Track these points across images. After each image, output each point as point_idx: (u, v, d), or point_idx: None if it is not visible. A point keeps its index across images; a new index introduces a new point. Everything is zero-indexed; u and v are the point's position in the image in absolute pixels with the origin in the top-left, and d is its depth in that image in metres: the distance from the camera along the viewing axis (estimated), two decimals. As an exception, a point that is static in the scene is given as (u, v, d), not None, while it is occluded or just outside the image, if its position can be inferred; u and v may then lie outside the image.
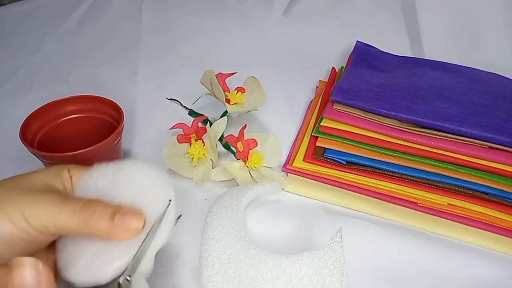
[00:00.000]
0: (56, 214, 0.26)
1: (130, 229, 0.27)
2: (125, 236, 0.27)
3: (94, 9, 0.85)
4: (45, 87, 0.63)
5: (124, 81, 0.65)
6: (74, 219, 0.26)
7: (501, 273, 0.40)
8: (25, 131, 0.41)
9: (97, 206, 0.27)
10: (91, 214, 0.26)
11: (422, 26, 0.74)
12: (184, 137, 0.47)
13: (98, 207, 0.27)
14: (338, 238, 0.36)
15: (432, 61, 0.60)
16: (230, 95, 0.52)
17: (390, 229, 0.43)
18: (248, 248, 0.36)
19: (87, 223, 0.26)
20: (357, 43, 0.65)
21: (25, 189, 0.27)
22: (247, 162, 0.46)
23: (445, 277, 0.39)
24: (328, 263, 0.35)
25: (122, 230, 0.27)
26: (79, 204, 0.27)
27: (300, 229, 0.43)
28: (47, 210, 0.26)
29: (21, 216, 0.25)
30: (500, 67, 0.60)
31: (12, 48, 0.74)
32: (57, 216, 0.26)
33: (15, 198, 0.26)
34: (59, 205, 0.27)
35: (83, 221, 0.26)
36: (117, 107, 0.45)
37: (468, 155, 0.42)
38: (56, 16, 0.82)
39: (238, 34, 0.79)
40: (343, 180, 0.45)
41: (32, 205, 0.26)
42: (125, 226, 0.27)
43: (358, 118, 0.45)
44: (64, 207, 0.26)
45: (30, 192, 0.27)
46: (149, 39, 0.77)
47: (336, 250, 0.35)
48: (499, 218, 0.42)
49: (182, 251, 0.40)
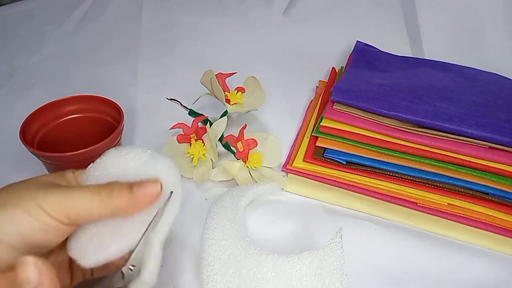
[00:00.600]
0: (76, 198, 0.26)
1: (150, 195, 0.28)
2: (147, 202, 0.28)
3: (94, 9, 0.85)
4: (45, 87, 0.63)
5: (124, 81, 0.65)
6: (95, 198, 0.27)
7: (501, 273, 0.40)
8: (25, 131, 0.41)
9: (113, 184, 0.28)
10: (110, 191, 0.27)
11: (422, 26, 0.74)
12: (184, 137, 0.47)
13: (115, 185, 0.28)
14: (338, 238, 0.36)
15: (432, 61, 0.60)
16: (230, 95, 0.52)
17: (390, 229, 0.43)
18: (248, 248, 0.36)
19: (109, 199, 0.27)
20: (357, 43, 0.65)
21: (35, 185, 0.27)
22: (247, 162, 0.46)
23: (445, 277, 0.39)
24: (328, 263, 0.35)
25: (143, 197, 0.28)
26: (95, 186, 0.28)
27: (300, 229, 0.43)
28: (66, 197, 0.26)
29: (38, 207, 0.26)
30: (500, 67, 0.60)
31: (12, 48, 0.74)
32: (78, 200, 0.26)
33: (28, 193, 0.26)
34: (76, 191, 0.27)
35: (105, 198, 0.27)
36: (117, 107, 0.45)
37: (468, 155, 0.42)
38: (56, 16, 0.82)
39: (238, 34, 0.79)
40: (343, 180, 0.45)
41: (48, 195, 0.26)
42: (145, 192, 0.28)
43: (358, 118, 0.45)
44: (82, 191, 0.27)
45: (43, 187, 0.27)
46: (149, 39, 0.77)
47: (336, 250, 0.35)
48: (499, 218, 0.42)
49: (182, 251, 0.40)
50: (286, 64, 0.71)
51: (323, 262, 0.35)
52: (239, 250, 0.36)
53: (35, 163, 0.43)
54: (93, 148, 0.39)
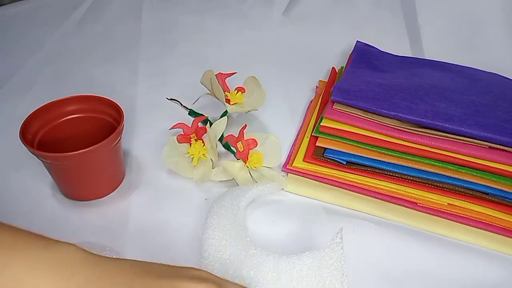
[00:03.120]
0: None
1: None
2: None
3: (94, 9, 0.85)
4: (45, 87, 0.63)
5: (124, 81, 0.65)
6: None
7: (501, 273, 0.40)
8: (25, 131, 0.41)
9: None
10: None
11: (422, 26, 0.74)
12: (184, 137, 0.47)
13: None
14: (338, 239, 0.36)
15: (432, 61, 0.60)
16: (230, 95, 0.52)
17: (390, 229, 0.43)
18: (249, 248, 0.36)
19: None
20: (357, 43, 0.65)
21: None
22: (247, 162, 0.46)
23: (445, 277, 0.39)
24: (328, 264, 0.35)
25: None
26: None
27: (300, 229, 0.43)
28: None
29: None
30: (500, 67, 0.60)
31: (12, 48, 0.73)
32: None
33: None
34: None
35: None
36: (117, 107, 0.44)
37: (468, 155, 0.42)
38: (56, 16, 0.82)
39: (238, 34, 0.79)
40: (343, 180, 0.45)
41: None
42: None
43: (358, 118, 0.45)
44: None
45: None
46: (149, 39, 0.77)
47: (337, 251, 0.35)
48: (499, 218, 0.42)
49: (183, 251, 0.40)
50: (286, 64, 0.71)
51: (323, 262, 0.35)
52: (239, 250, 0.36)
53: (35, 163, 0.43)
54: (93, 148, 0.39)
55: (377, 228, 0.43)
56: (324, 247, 0.36)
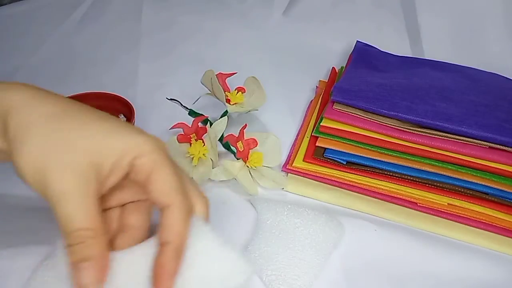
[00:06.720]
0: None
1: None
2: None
3: (94, 9, 0.85)
4: (45, 87, 0.62)
5: (124, 81, 0.65)
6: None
7: (501, 273, 0.40)
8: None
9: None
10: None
11: (422, 26, 0.74)
12: (184, 137, 0.47)
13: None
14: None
15: (432, 61, 0.60)
16: (230, 95, 0.52)
17: (390, 229, 0.43)
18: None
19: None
20: (357, 43, 0.65)
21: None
22: (247, 162, 0.46)
23: (445, 277, 0.39)
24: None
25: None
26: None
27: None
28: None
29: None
30: (500, 67, 0.60)
31: (12, 48, 0.73)
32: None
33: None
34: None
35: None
36: (128, 104, 0.44)
37: (468, 155, 0.42)
38: (56, 16, 0.82)
39: (238, 34, 0.79)
40: (343, 180, 0.45)
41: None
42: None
43: (358, 118, 0.45)
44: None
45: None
46: (149, 39, 0.77)
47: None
48: (499, 218, 0.42)
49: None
50: (286, 64, 0.71)
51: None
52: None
53: (35, 163, 0.42)
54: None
55: (377, 228, 0.43)
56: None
